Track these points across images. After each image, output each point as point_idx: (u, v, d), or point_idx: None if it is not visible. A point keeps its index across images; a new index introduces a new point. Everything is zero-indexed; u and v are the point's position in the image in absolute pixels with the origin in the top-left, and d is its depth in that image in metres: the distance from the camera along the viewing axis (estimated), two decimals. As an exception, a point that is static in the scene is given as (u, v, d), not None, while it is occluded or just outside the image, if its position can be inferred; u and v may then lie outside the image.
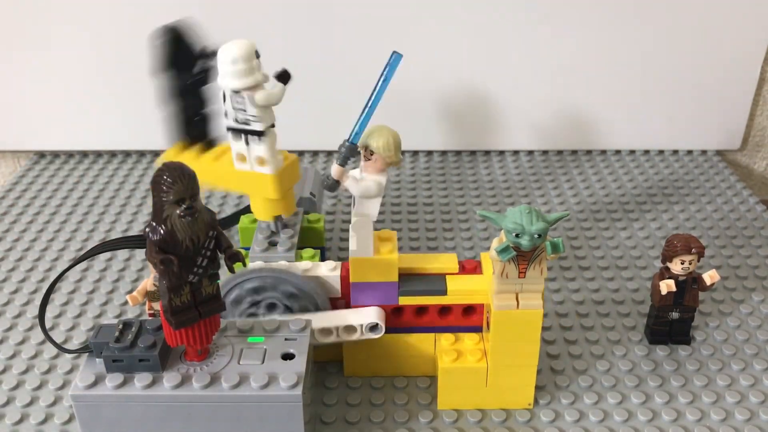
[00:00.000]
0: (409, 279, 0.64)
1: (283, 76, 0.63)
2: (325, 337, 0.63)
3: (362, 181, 0.60)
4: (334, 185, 0.59)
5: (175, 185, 0.49)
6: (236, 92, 0.62)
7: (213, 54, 0.64)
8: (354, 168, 0.62)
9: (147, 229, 0.51)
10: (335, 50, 1.04)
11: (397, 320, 0.64)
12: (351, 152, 0.59)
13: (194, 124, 0.69)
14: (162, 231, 0.50)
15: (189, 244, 0.51)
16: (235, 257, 0.54)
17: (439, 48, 1.04)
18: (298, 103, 0.75)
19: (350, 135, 0.59)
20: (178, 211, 0.50)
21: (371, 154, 0.60)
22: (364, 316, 0.63)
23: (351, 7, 1.02)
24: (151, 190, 0.50)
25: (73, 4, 1.02)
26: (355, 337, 0.63)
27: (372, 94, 0.58)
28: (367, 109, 0.58)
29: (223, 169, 0.68)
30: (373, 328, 0.63)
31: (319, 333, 0.63)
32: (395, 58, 0.57)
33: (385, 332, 0.63)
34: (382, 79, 0.58)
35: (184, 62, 0.66)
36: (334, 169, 0.59)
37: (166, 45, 0.65)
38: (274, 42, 0.81)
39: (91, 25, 1.03)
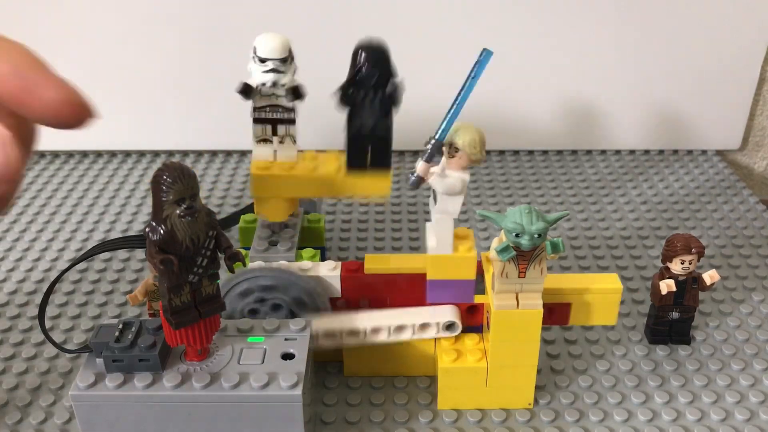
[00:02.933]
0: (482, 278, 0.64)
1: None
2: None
3: (446, 178, 0.60)
4: (419, 182, 0.59)
5: (175, 185, 0.49)
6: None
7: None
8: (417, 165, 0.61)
9: (147, 229, 0.50)
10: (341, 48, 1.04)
11: (472, 319, 0.65)
12: (437, 150, 0.59)
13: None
14: (162, 231, 0.50)
15: (189, 243, 0.51)
16: (235, 257, 0.54)
17: (440, 48, 1.04)
18: (304, 103, 0.75)
19: (437, 132, 0.58)
20: (178, 211, 0.50)
21: (456, 151, 0.59)
22: (441, 314, 0.63)
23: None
24: (151, 190, 0.50)
25: (73, 4, 1.02)
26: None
27: (460, 91, 0.58)
28: (455, 107, 0.58)
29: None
30: (450, 326, 0.63)
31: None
32: (486, 54, 0.56)
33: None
34: (471, 76, 0.57)
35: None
36: (420, 166, 0.59)
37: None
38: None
39: (92, 25, 1.03)
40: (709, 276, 0.68)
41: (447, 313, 0.63)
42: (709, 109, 1.10)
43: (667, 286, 0.68)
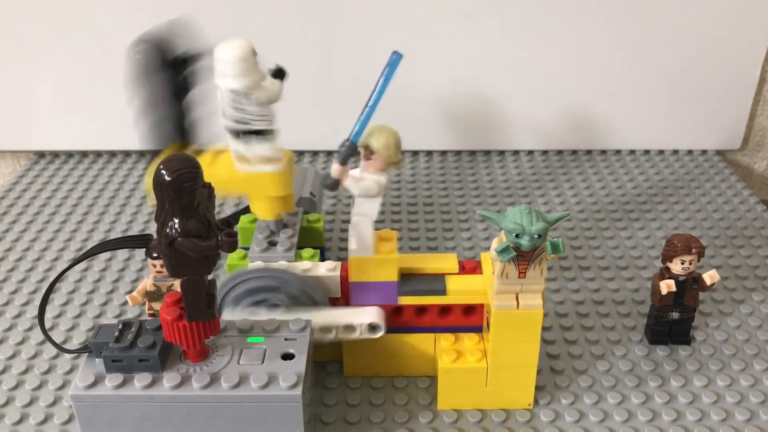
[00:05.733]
0: (409, 279, 0.64)
1: (280, 73, 0.63)
2: (325, 335, 0.63)
3: (362, 180, 0.60)
4: (334, 184, 0.59)
5: (199, 169, 0.49)
6: (235, 92, 0.62)
7: (197, 56, 0.63)
8: (354, 167, 0.62)
9: (173, 233, 0.49)
10: (334, 49, 1.04)
11: (397, 320, 0.64)
12: (351, 151, 0.59)
13: (183, 131, 0.68)
14: (197, 222, 0.49)
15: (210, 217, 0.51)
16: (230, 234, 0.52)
17: (440, 48, 1.04)
18: (298, 103, 0.75)
19: (351, 134, 0.59)
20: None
21: (371, 154, 0.60)
22: (364, 316, 0.63)
23: (351, 6, 1.02)
24: (171, 191, 0.48)
25: (72, 4, 1.02)
26: (354, 336, 0.63)
27: (372, 93, 0.58)
28: (367, 109, 0.58)
29: (223, 173, 0.67)
30: (373, 328, 0.63)
31: (319, 331, 0.63)
32: (395, 58, 0.57)
33: (386, 332, 0.63)
34: (382, 78, 0.58)
35: (168, 68, 0.66)
36: (335, 168, 0.59)
37: (145, 54, 0.64)
38: (273, 41, 0.80)
39: (91, 25, 1.03)
40: (709, 276, 0.68)
41: (371, 314, 0.63)
42: (709, 109, 1.10)
43: (667, 286, 0.68)
